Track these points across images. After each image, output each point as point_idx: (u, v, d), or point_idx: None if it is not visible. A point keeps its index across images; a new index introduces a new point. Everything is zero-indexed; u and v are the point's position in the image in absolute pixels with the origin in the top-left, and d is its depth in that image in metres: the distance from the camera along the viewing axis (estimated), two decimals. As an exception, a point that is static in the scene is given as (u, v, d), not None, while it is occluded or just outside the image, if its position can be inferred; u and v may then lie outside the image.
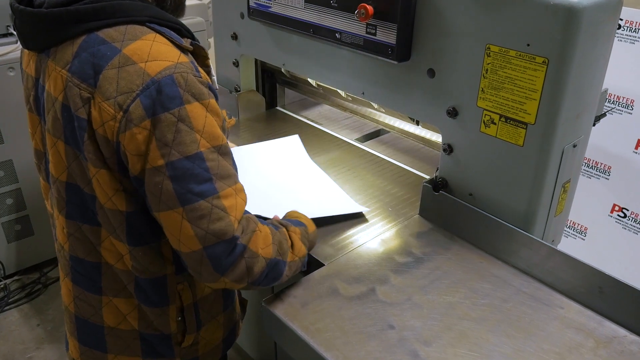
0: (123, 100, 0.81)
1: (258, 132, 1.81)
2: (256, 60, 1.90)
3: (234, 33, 1.80)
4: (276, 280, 1.00)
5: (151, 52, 0.82)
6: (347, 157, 1.65)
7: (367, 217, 1.36)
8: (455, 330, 1.02)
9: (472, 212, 1.24)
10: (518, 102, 1.10)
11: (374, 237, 1.28)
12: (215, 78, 0.95)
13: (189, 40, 0.91)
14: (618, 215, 2.19)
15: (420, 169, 1.60)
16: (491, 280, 1.15)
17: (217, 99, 0.88)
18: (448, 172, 1.29)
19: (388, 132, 1.83)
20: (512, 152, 1.14)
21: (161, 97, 0.80)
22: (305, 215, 1.19)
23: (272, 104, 2.03)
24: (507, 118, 1.13)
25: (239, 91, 1.90)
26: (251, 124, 1.88)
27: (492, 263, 1.20)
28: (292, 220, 1.14)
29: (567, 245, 2.30)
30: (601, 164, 2.14)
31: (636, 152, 2.07)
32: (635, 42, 1.93)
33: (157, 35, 0.85)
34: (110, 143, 0.84)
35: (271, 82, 1.99)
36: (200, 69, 0.87)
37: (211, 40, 2.77)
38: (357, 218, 1.35)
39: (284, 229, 1.06)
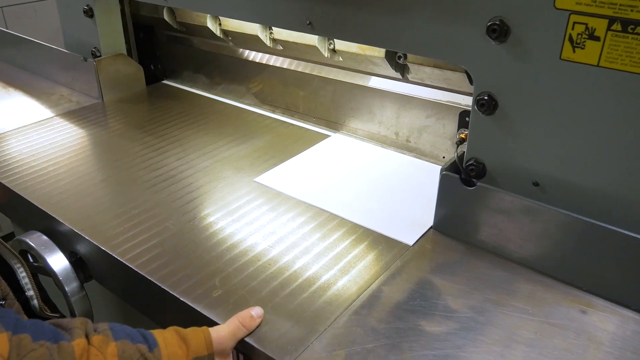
0: None
1: (135, 119, 1.14)
2: (122, 4, 1.21)
3: (78, -39, 1.12)
4: None
5: None
6: (285, 143, 1.03)
7: (343, 243, 0.74)
8: None
9: (549, 219, 0.66)
10: (657, -17, 0.53)
11: (368, 287, 0.66)
12: None
13: None
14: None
15: (423, 149, 1.01)
16: (616, 351, 0.58)
17: None
18: (486, 148, 0.70)
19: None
20: (635, 93, 0.57)
21: None
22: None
23: (155, 76, 1.35)
24: (627, 23, 0.55)
25: (99, 56, 1.20)
26: (123, 108, 1.19)
27: (602, 310, 0.63)
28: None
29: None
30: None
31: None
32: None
33: None
34: None
35: (150, 41, 1.32)
36: None
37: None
38: (322, 249, 0.73)
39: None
